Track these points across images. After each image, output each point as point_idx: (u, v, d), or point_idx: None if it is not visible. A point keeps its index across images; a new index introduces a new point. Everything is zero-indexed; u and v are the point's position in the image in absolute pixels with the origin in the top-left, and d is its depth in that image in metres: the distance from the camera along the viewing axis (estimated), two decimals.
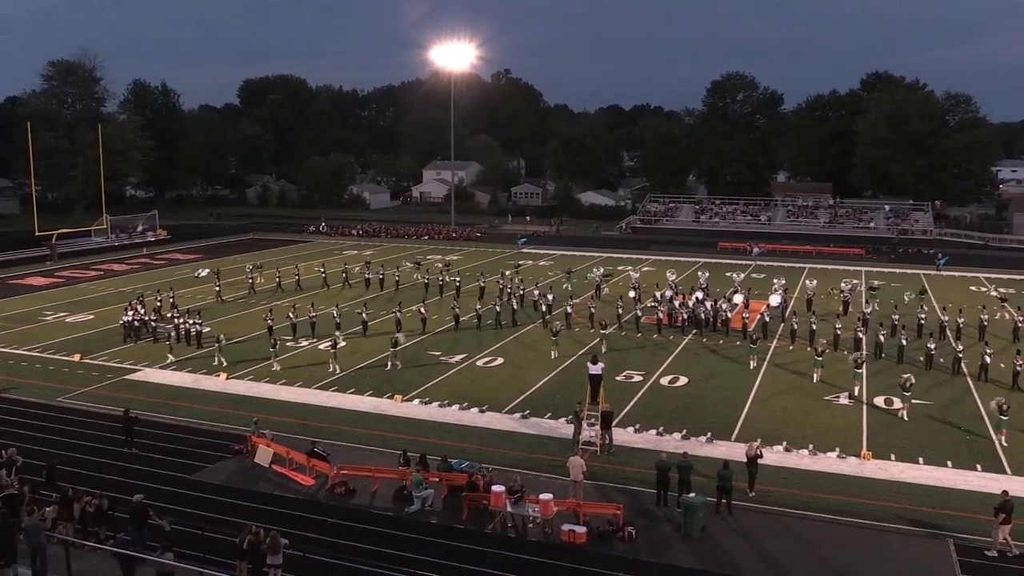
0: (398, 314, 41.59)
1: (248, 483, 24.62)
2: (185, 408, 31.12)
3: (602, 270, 54.34)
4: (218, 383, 34.37)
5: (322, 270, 56.58)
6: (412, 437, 27.96)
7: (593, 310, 44.78)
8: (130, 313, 42.13)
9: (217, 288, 52.82)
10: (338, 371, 35.31)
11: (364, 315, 40.98)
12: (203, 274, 59.84)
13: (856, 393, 31.50)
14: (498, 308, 43.51)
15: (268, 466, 25.62)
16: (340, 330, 39.96)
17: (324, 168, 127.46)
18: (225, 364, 36.31)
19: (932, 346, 36.96)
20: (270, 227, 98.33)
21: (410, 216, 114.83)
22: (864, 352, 38.40)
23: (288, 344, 39.28)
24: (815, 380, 31.27)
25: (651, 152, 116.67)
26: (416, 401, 31.92)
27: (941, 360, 36.81)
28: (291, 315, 39.74)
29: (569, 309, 44.68)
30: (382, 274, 55.96)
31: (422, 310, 42.32)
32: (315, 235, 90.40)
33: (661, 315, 43.94)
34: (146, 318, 42.44)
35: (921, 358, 36.87)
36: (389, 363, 35.50)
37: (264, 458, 25.87)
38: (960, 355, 35.85)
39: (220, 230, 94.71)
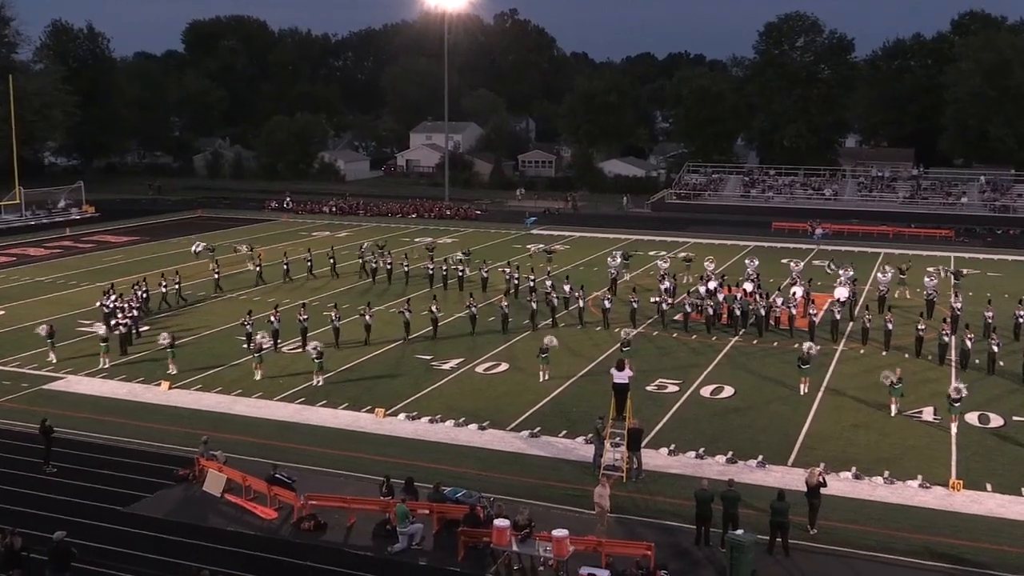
0: (406, 314, 41.53)
1: (196, 516, 24.65)
2: (118, 425, 31.17)
3: (619, 259, 54.24)
4: (159, 394, 34.46)
5: (309, 257, 56.47)
6: (396, 460, 27.97)
7: (608, 303, 44.76)
8: (112, 304, 42.48)
9: (216, 275, 52.92)
10: (258, 377, 35.48)
11: (368, 317, 40.97)
12: (199, 249, 59.75)
13: (894, 412, 31.53)
14: (505, 305, 43.45)
15: (220, 495, 25.65)
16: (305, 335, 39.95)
17: (289, 131, 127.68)
18: (174, 371, 36.45)
19: None
20: (223, 203, 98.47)
21: (394, 189, 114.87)
22: (954, 359, 38.36)
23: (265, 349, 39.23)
24: (893, 413, 31.20)
25: (690, 111, 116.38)
26: (402, 416, 31.95)
27: None
28: (272, 318, 39.72)
29: (581, 303, 44.70)
30: (375, 263, 55.76)
31: (434, 308, 42.25)
32: (278, 213, 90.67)
33: (696, 311, 43.92)
34: (124, 308, 42.49)
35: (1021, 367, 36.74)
36: (316, 377, 35.43)
37: (215, 486, 25.90)
38: None
39: (161, 206, 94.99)
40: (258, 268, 53.75)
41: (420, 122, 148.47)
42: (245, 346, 39.03)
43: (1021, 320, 42.38)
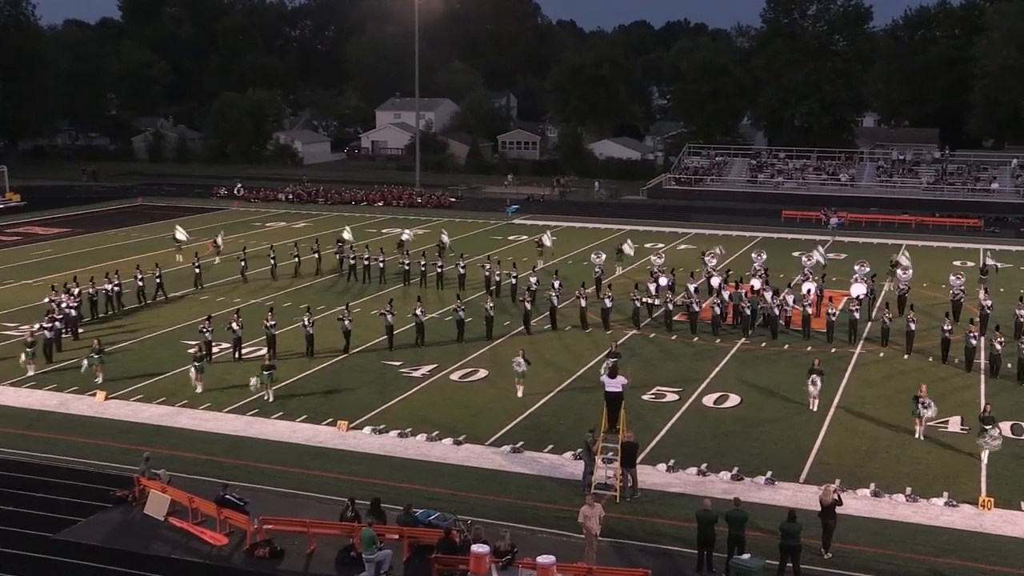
0: (388, 317, 41.31)
1: (136, 543, 24.51)
2: (47, 440, 30.97)
3: (604, 256, 54.17)
4: (94, 405, 34.28)
5: (272, 254, 56.15)
6: (362, 479, 27.94)
7: (583, 302, 44.79)
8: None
9: (197, 269, 52.72)
10: (199, 390, 35.31)
11: (346, 322, 40.75)
12: (180, 236, 60.38)
13: (920, 435, 31.36)
14: (489, 306, 43.40)
15: (164, 519, 25.56)
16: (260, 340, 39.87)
17: (240, 109, 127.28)
18: (100, 380, 36.27)
19: None
20: (166, 190, 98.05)
21: (359, 174, 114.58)
22: (982, 363, 38.64)
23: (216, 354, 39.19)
24: (918, 435, 31.28)
25: (690, 86, 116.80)
26: (367, 429, 31.91)
27: None
28: (234, 324, 39.50)
29: (556, 300, 44.83)
30: (351, 257, 55.64)
31: (418, 311, 42.07)
32: (228, 201, 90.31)
33: (693, 308, 44.15)
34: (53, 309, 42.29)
35: None
36: (266, 391, 35.29)
37: (158, 508, 25.80)
38: None
39: (96, 194, 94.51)
40: (197, 268, 53.15)
41: (387, 99, 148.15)
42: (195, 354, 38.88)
43: None
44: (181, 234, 60.94)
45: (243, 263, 54.67)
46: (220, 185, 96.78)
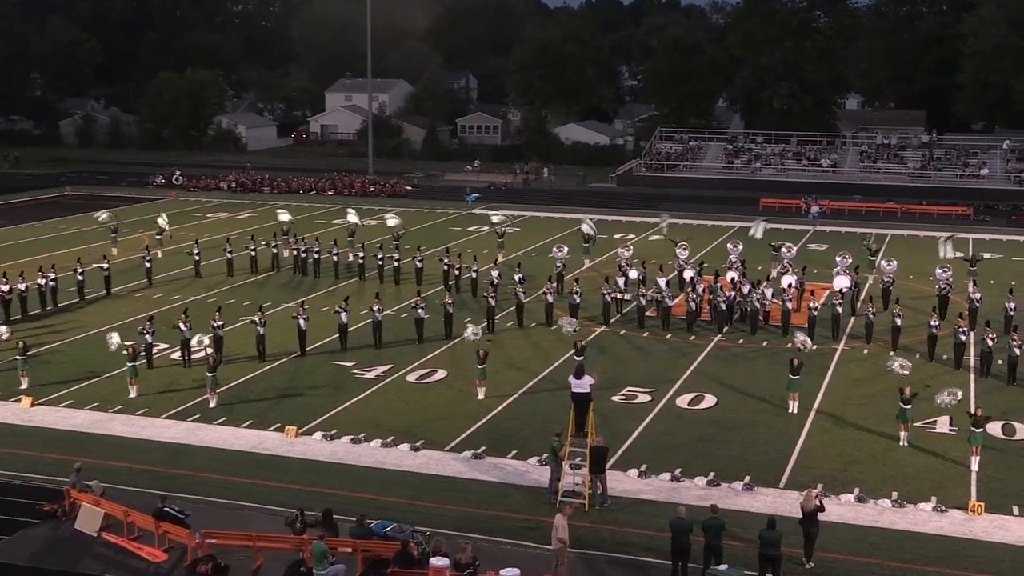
0: (343, 315, 41.04)
1: (66, 561, 24.31)
2: None
3: (565, 249, 54.14)
4: (19, 412, 33.92)
5: (228, 248, 55.69)
6: (312, 488, 27.87)
7: (550, 297, 44.92)
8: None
9: (148, 263, 52.27)
10: (133, 395, 35.07)
11: (301, 320, 40.42)
12: (103, 217, 60.08)
13: (905, 442, 31.47)
14: (449, 303, 43.32)
15: (96, 534, 25.34)
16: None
17: (178, 90, 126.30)
18: (26, 385, 35.90)
19: None
20: (97, 178, 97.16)
21: (307, 161, 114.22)
22: (972, 361, 39.06)
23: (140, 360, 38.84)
24: (903, 442, 31.51)
25: (662, 66, 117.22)
26: (318, 435, 31.82)
27: None
28: (182, 325, 39.09)
29: (522, 296, 44.88)
30: (315, 252, 55.32)
31: (375, 309, 41.73)
32: (166, 190, 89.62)
33: (665, 303, 44.37)
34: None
35: None
36: (210, 397, 35.08)
37: (91, 523, 25.58)
38: None
39: (19, 182, 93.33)
40: (148, 262, 52.81)
41: (337, 80, 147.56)
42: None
43: None
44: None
45: (196, 256, 54.30)
46: (157, 173, 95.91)
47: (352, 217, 61.92)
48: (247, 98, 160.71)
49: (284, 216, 61.72)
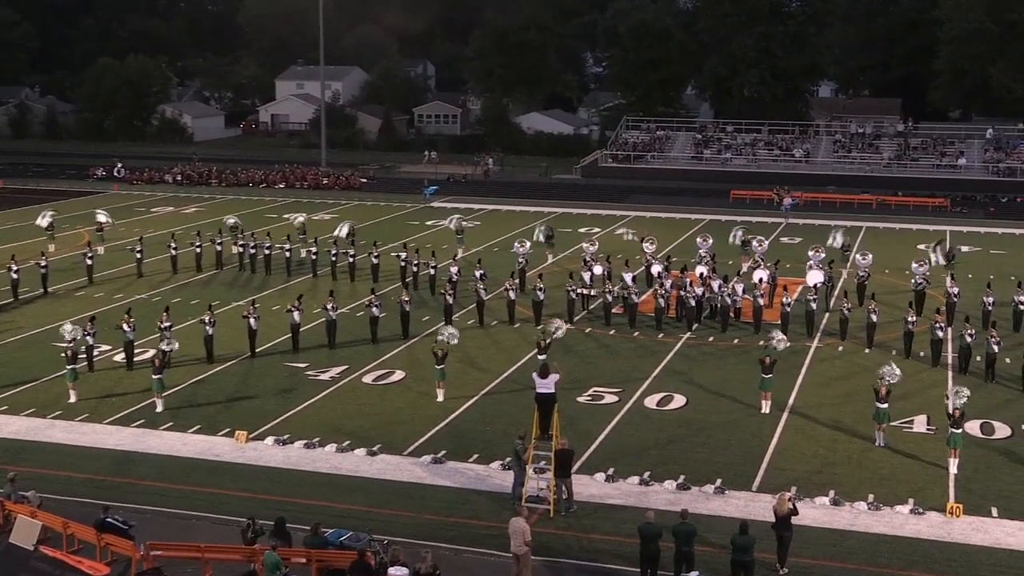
0: (295, 314, 40.79)
1: None
2: None
3: (528, 244, 54.17)
4: None
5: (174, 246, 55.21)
6: (264, 496, 27.78)
7: (513, 294, 44.95)
8: None
9: (89, 260, 51.84)
10: (72, 399, 34.82)
11: (251, 319, 40.13)
12: (45, 223, 59.24)
13: (881, 443, 31.68)
14: (405, 300, 43.17)
15: (33, 548, 25.09)
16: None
17: (119, 78, 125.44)
18: None
19: None
20: (33, 171, 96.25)
21: (257, 152, 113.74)
22: (950, 358, 39.46)
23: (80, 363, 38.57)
24: (879, 443, 31.74)
25: (629, 53, 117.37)
26: (269, 440, 31.71)
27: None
28: (125, 326, 38.72)
29: (483, 293, 44.96)
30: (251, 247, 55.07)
31: (329, 307, 41.48)
32: (107, 183, 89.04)
33: (632, 300, 44.52)
34: None
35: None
36: (157, 401, 34.91)
37: (27, 536, 25.33)
38: None
39: None
40: (89, 258, 52.37)
41: (288, 67, 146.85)
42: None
43: (1021, 308, 43.66)
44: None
45: (138, 254, 53.79)
46: (97, 165, 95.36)
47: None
48: (193, 86, 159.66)
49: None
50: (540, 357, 35.65)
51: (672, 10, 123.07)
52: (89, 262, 51.90)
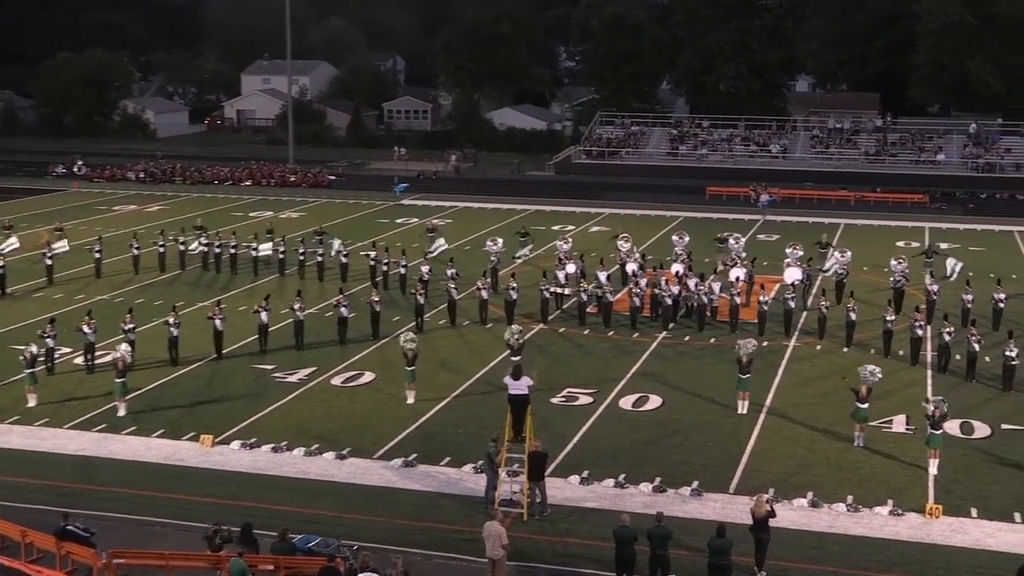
0: (263, 315, 40.62)
1: None
2: None
3: (500, 242, 54.17)
4: None
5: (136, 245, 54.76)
6: (230, 501, 27.71)
7: (485, 293, 44.94)
8: None
9: (48, 260, 51.53)
10: (32, 404, 34.61)
11: (217, 320, 39.91)
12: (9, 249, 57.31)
13: (860, 443, 31.88)
14: (376, 299, 43.07)
15: None
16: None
17: (78, 72, 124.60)
18: None
19: (1012, 352, 37.56)
20: None
21: (222, 149, 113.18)
22: (929, 357, 39.72)
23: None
24: (858, 443, 31.89)
25: (602, 47, 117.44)
26: (236, 444, 31.62)
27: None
28: (85, 327, 38.47)
29: (455, 292, 44.94)
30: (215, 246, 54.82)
31: (296, 308, 41.29)
32: (67, 181, 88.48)
33: (606, 299, 44.57)
34: None
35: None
36: (119, 405, 34.69)
37: None
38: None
39: None
40: (49, 259, 52.01)
41: (254, 61, 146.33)
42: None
43: (1001, 305, 43.95)
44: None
45: (97, 254, 53.41)
46: (57, 162, 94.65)
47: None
48: (155, 81, 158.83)
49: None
50: (513, 359, 35.66)
51: (646, 3, 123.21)
52: (48, 262, 51.59)
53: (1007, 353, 36.52)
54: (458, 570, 23.84)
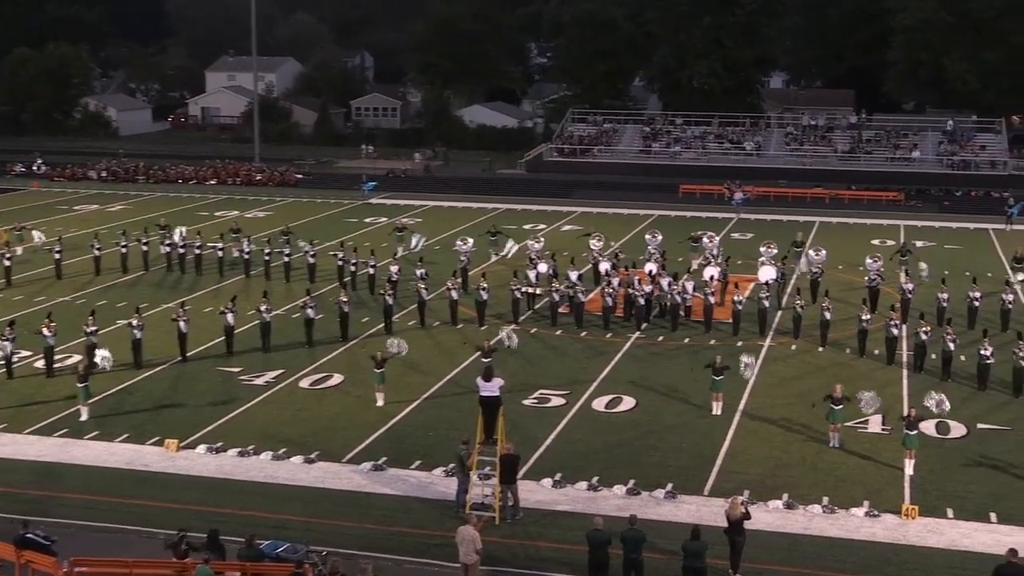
0: (229, 317, 40.46)
1: None
2: None
3: (471, 242, 54.22)
4: None
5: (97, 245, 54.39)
6: (196, 507, 27.61)
7: (455, 294, 44.88)
8: None
9: (7, 261, 51.29)
10: None
11: (181, 322, 39.66)
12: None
13: (835, 443, 32.09)
14: (344, 299, 42.93)
15: None
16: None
17: (38, 67, 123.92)
18: None
19: (987, 351, 37.73)
20: None
21: (186, 147, 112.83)
22: (905, 356, 39.95)
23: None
24: (833, 444, 32.05)
25: (574, 43, 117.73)
26: (202, 448, 31.51)
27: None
28: (45, 330, 38.19)
29: (425, 292, 44.89)
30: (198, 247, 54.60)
31: (262, 309, 41.06)
32: (26, 179, 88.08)
33: (578, 299, 44.64)
34: None
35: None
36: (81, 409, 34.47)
37: None
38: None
39: None
40: (7, 260, 51.70)
41: (219, 58, 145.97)
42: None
43: (976, 304, 44.24)
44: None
45: (57, 255, 53.04)
46: (15, 161, 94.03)
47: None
48: (117, 77, 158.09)
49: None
50: (484, 360, 35.65)
51: None
52: (7, 263, 51.25)
53: (982, 352, 36.77)
54: (429, 575, 23.81)
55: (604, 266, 49.37)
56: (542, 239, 55.31)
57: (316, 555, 23.88)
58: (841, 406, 31.64)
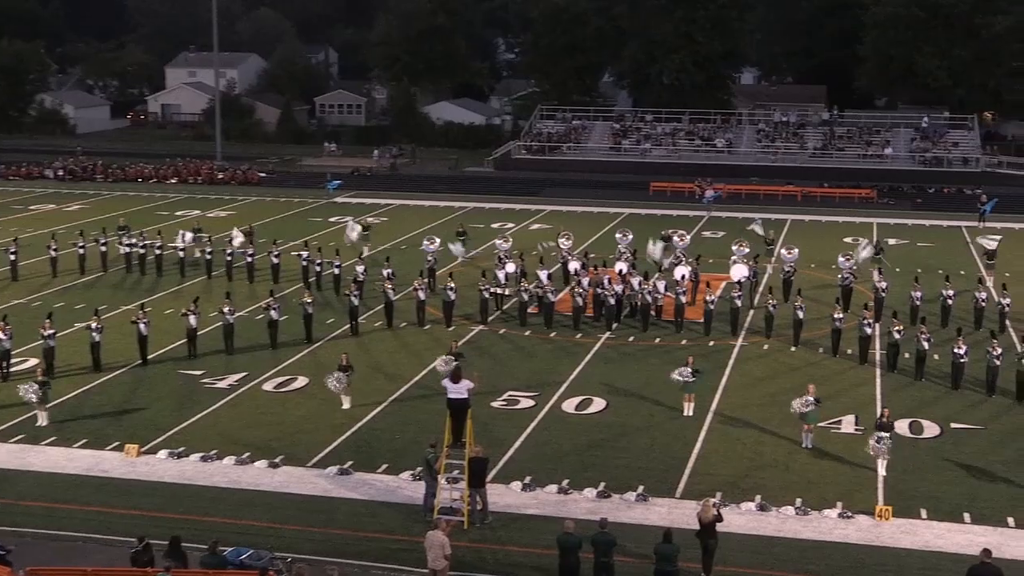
0: (191, 318, 40.26)
1: None
2: None
3: (437, 242, 54.22)
4: None
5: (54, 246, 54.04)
6: (156, 513, 27.49)
7: (422, 294, 44.87)
8: None
9: None
10: None
11: (141, 324, 39.40)
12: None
13: (808, 444, 32.18)
14: (308, 301, 42.79)
15: None
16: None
17: None
18: None
19: (961, 350, 37.94)
20: None
21: (146, 145, 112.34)
22: (878, 355, 40.19)
23: None
24: (806, 444, 32.17)
25: (542, 38, 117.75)
26: (163, 453, 31.35)
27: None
28: (0, 332, 37.88)
29: (392, 292, 44.81)
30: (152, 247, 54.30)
31: (225, 310, 40.88)
32: None
33: (548, 299, 44.70)
34: None
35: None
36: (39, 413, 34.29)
37: None
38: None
39: None
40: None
41: (179, 53, 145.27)
42: None
43: (949, 302, 44.57)
44: None
45: (12, 256, 52.65)
46: None
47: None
48: (74, 74, 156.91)
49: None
50: (454, 361, 35.62)
51: None
52: None
53: (956, 351, 37.03)
54: None
55: (574, 265, 49.43)
56: (510, 238, 55.34)
57: (280, 561, 23.85)
58: (814, 407, 31.71)
